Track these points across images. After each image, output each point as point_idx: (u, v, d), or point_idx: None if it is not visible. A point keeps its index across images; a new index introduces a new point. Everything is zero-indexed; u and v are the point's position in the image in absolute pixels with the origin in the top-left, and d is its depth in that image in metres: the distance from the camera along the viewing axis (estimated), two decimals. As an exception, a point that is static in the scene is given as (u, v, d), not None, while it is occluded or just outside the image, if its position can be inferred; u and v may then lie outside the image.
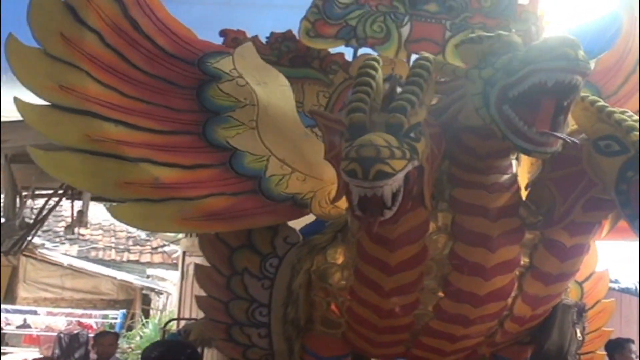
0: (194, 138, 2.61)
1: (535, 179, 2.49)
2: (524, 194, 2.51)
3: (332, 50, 3.92)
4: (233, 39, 3.65)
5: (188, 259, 11.46)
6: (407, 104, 2.09)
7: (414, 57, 3.71)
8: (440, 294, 2.40)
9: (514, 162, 2.47)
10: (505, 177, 2.39)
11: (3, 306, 14.32)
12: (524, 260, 2.43)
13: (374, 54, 3.80)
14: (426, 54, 2.35)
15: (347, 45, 3.64)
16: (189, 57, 2.68)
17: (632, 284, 5.94)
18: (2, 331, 11.31)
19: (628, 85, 3.10)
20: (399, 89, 2.21)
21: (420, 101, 2.14)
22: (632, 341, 4.89)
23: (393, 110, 2.08)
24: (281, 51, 3.80)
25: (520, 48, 2.17)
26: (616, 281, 5.75)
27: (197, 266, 2.87)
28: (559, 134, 2.10)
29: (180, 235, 12.39)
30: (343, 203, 2.59)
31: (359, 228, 2.34)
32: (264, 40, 3.82)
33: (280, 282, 2.73)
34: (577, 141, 2.17)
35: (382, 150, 1.92)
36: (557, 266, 2.46)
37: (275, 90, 2.75)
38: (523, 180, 2.54)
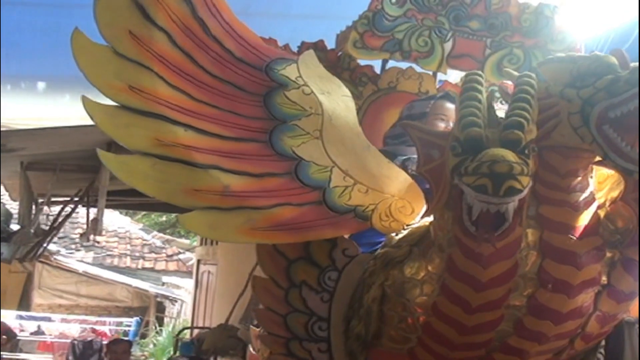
0: (261, 146, 2.44)
1: (616, 198, 2.35)
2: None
3: (361, 62, 3.87)
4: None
5: (202, 267, 11.42)
6: (524, 120, 2.00)
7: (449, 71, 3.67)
8: (524, 310, 2.25)
9: (591, 181, 2.35)
10: (586, 195, 2.27)
11: (18, 312, 14.26)
12: (602, 279, 2.30)
13: (403, 66, 3.75)
14: (528, 73, 2.24)
15: (390, 58, 3.57)
16: (256, 62, 2.50)
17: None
18: (17, 337, 11.19)
19: None
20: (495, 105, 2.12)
21: (532, 118, 2.05)
22: None
23: (510, 126, 1.98)
24: None
25: (618, 69, 2.08)
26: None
27: (254, 277, 2.68)
28: None
29: (195, 243, 12.32)
30: (406, 218, 2.48)
31: (451, 243, 2.18)
32: (294, 49, 3.74)
33: (340, 295, 2.56)
34: None
35: (515, 167, 1.84)
36: (632, 285, 2.33)
37: (338, 101, 2.58)
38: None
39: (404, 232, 2.53)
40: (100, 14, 2.36)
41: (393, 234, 2.57)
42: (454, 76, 4.01)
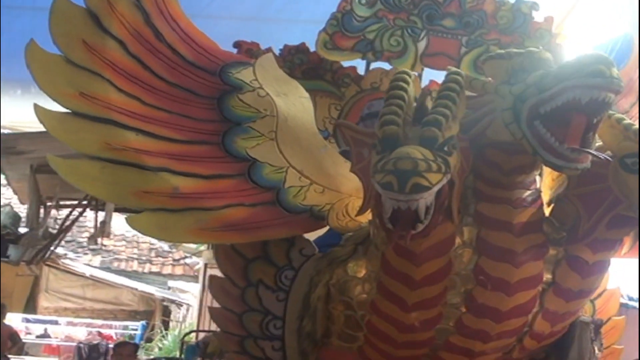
0: (213, 148, 2.53)
1: (560, 195, 2.41)
2: (546, 210, 2.42)
3: (345, 64, 3.89)
4: (247, 50, 3.60)
5: (209, 271, 11.42)
6: (442, 118, 2.03)
7: (426, 71, 3.69)
8: (463, 309, 2.30)
9: (537, 178, 2.38)
10: (529, 192, 2.31)
11: (24, 315, 14.38)
12: (546, 277, 2.33)
13: (388, 67, 3.78)
14: (457, 69, 2.30)
15: (363, 58, 3.59)
16: (210, 66, 2.59)
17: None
18: (22, 342, 11.29)
19: (637, 106, 3.02)
20: (429, 103, 2.14)
21: (453, 115, 2.08)
22: None
23: (428, 123, 2.02)
24: (294, 63, 3.75)
25: (551, 65, 2.11)
26: (638, 300, 5.64)
27: (211, 277, 2.77)
28: (590, 151, 2.04)
29: (202, 247, 12.36)
30: (362, 216, 2.51)
31: (383, 241, 2.25)
32: (277, 53, 3.79)
33: (295, 294, 2.63)
34: (609, 158, 2.11)
35: (420, 164, 1.87)
36: (579, 283, 2.37)
37: (295, 102, 2.67)
38: (545, 197, 2.45)
39: (355, 232, 2.58)
40: (55, 25, 2.48)
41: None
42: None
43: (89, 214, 11.31)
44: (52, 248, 11.56)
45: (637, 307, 5.55)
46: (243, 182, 2.53)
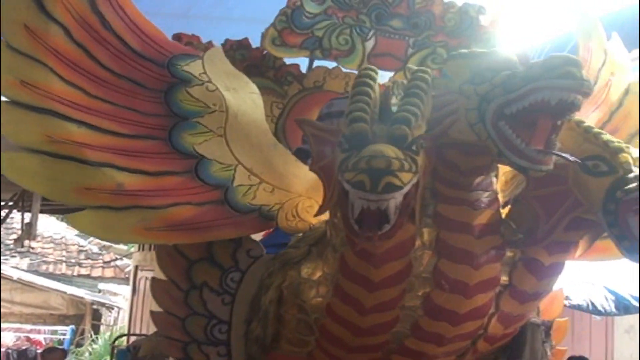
0: (159, 143, 2.41)
1: (517, 196, 2.38)
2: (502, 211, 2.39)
3: (288, 61, 3.84)
4: (187, 43, 3.52)
5: (140, 273, 11.27)
6: (411, 116, 1.97)
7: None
8: (420, 311, 2.25)
9: (494, 179, 2.34)
10: (487, 194, 2.27)
11: (-50, 321, 13.90)
12: (503, 279, 2.30)
13: (330, 66, 3.73)
14: (424, 68, 2.24)
15: (310, 56, 3.54)
16: (158, 58, 2.47)
17: (582, 300, 5.91)
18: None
19: (583, 109, 2.98)
20: (392, 101, 2.09)
21: (421, 114, 2.03)
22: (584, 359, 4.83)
23: (397, 121, 1.95)
24: (235, 59, 3.69)
25: (517, 66, 2.07)
26: (567, 298, 5.71)
27: (153, 279, 2.63)
28: (557, 152, 2.02)
29: (132, 249, 12.17)
30: (313, 217, 2.44)
31: (343, 242, 2.17)
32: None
33: (242, 297, 2.53)
34: (577, 159, 2.09)
35: (393, 162, 1.79)
36: (534, 285, 2.35)
37: (245, 98, 2.56)
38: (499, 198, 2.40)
39: (307, 232, 2.51)
40: None
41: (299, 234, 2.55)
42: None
43: (16, 215, 10.98)
44: (-22, 251, 11.21)
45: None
46: (190, 179, 2.42)
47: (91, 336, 14.46)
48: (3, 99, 2.31)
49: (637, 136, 3.01)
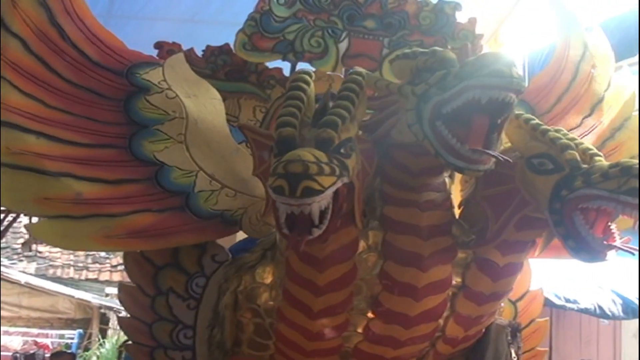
0: (119, 152, 2.45)
1: (468, 197, 2.38)
2: (457, 212, 2.40)
3: (270, 65, 3.84)
4: (168, 51, 3.55)
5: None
6: (338, 119, 1.97)
7: (350, 72, 3.66)
8: (370, 315, 2.26)
9: (447, 179, 2.35)
10: (438, 194, 2.27)
11: (-42, 325, 13.99)
12: (456, 280, 2.30)
13: (312, 69, 3.73)
14: (359, 69, 2.24)
15: (284, 59, 3.54)
16: (117, 67, 2.52)
17: (590, 304, 5.85)
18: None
19: (561, 104, 3.00)
20: (331, 104, 2.08)
21: (351, 116, 2.03)
22: None
23: (323, 125, 1.96)
24: (217, 64, 3.71)
25: (455, 64, 2.07)
26: (575, 301, 5.68)
27: (120, 285, 2.69)
28: (491, 152, 2.00)
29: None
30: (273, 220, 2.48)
31: (287, 247, 2.19)
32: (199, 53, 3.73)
33: (206, 302, 2.56)
34: (509, 159, 2.07)
35: (310, 167, 1.78)
36: (490, 286, 2.34)
37: (205, 104, 2.60)
38: (456, 199, 2.42)
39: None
40: None
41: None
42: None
43: (24, 220, 11.05)
44: (-15, 255, 11.29)
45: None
46: (150, 186, 2.46)
47: (99, 340, 14.49)
48: None
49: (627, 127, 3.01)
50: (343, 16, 3.50)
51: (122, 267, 15.86)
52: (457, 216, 2.38)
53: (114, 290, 15.74)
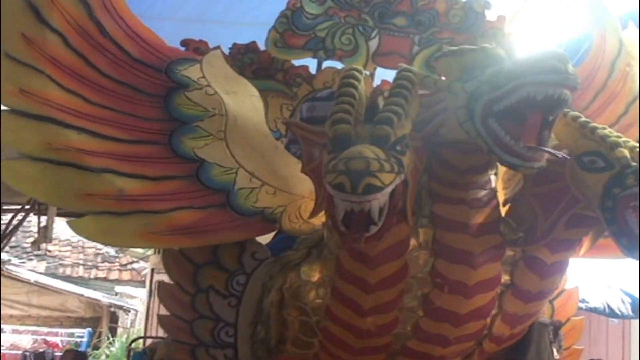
0: (160, 148, 2.44)
1: (516, 194, 2.37)
2: (502, 210, 2.38)
3: (297, 63, 3.84)
4: (195, 49, 3.53)
5: (156, 276, 11.31)
6: (394, 116, 1.96)
7: (379, 70, 3.66)
8: (420, 313, 2.25)
9: (492, 177, 2.34)
10: (485, 192, 2.27)
11: (-32, 324, 14.02)
12: (504, 278, 2.29)
13: (339, 66, 3.74)
14: (408, 66, 2.24)
15: (314, 57, 3.54)
16: (156, 63, 2.51)
17: (600, 303, 5.85)
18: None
19: (597, 102, 2.99)
20: (380, 101, 2.08)
21: (406, 113, 2.01)
22: None
23: (379, 121, 1.95)
24: (244, 63, 3.70)
25: (505, 61, 2.06)
26: (584, 300, 5.67)
27: (159, 283, 2.69)
28: (547, 149, 2.00)
29: (149, 252, 12.20)
30: (316, 218, 2.44)
31: (338, 244, 2.18)
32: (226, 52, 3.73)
33: (248, 300, 2.56)
34: (566, 156, 2.07)
35: (372, 163, 1.78)
36: (537, 284, 2.34)
37: (244, 100, 2.59)
38: (500, 197, 2.40)
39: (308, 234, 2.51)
40: None
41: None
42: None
43: (33, 219, 11.07)
44: (-5, 254, 11.31)
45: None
46: (192, 183, 2.45)
47: (108, 339, 14.53)
48: (3, 107, 2.35)
49: None
50: (374, 13, 3.50)
51: (131, 266, 16.05)
52: (502, 214, 2.36)
53: (123, 289, 15.80)
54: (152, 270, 11.63)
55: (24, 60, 2.36)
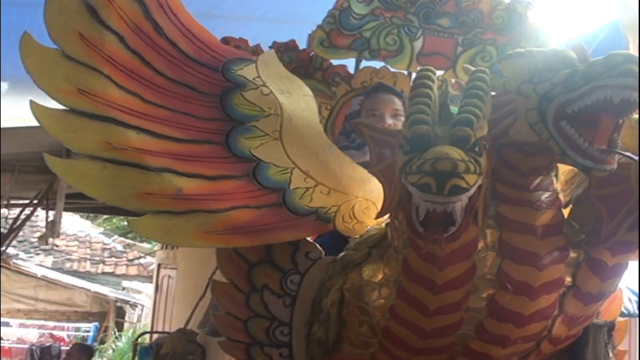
0: (217, 148, 2.45)
1: (580, 196, 2.37)
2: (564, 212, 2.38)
3: (335, 62, 3.86)
4: (235, 46, 3.57)
5: (163, 272, 11.37)
6: (473, 117, 1.97)
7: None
8: (484, 313, 2.26)
9: (554, 179, 2.35)
10: (548, 194, 2.27)
11: (-25, 318, 14.08)
12: (567, 280, 2.30)
13: (377, 66, 3.75)
14: (482, 67, 2.24)
15: (359, 57, 3.57)
16: (212, 63, 2.52)
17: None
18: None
19: None
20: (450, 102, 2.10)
21: (483, 114, 2.03)
22: None
23: (459, 122, 1.96)
24: (283, 61, 3.71)
25: (577, 64, 2.05)
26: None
27: (214, 282, 2.69)
28: (622, 152, 2.01)
29: (156, 247, 12.24)
30: (369, 219, 2.49)
31: (406, 244, 2.19)
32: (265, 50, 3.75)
33: (302, 299, 2.57)
34: (636, 159, 2.07)
35: (459, 164, 1.80)
36: (598, 286, 2.34)
37: (299, 100, 2.60)
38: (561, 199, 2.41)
39: (365, 234, 2.53)
40: (50, 16, 2.38)
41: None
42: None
43: (41, 213, 11.11)
44: (3, 248, 11.33)
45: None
46: (248, 183, 2.46)
47: (114, 333, 14.57)
48: (62, 107, 2.37)
49: None
50: (419, 14, 3.54)
51: (138, 261, 16.10)
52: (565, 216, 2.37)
53: (130, 284, 15.86)
54: (159, 265, 11.67)
55: (82, 60, 2.37)
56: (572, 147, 2.02)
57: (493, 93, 2.24)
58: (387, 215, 2.38)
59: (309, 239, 2.63)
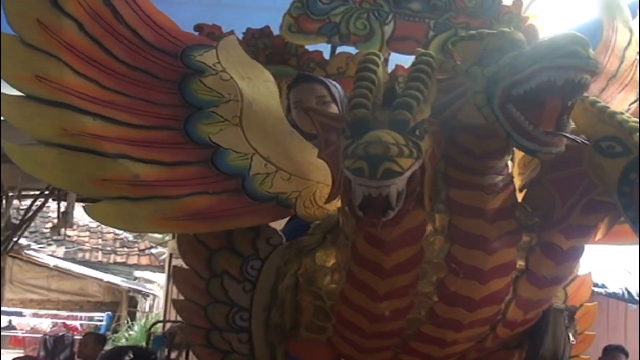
0: (175, 134, 2.42)
1: (533, 180, 2.34)
2: (519, 195, 2.36)
3: (310, 48, 3.81)
4: (208, 33, 3.53)
5: (175, 261, 11.32)
6: (413, 100, 1.93)
7: (393, 55, 3.62)
8: (435, 298, 2.23)
9: (509, 163, 2.31)
10: (501, 177, 2.23)
11: (-12, 307, 14.16)
12: (520, 264, 2.27)
13: (353, 52, 3.70)
14: (427, 51, 2.20)
15: (328, 42, 3.51)
16: (171, 49, 2.49)
17: (619, 288, 5.81)
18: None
19: (609, 90, 2.93)
20: (398, 86, 2.06)
21: (425, 98, 1.98)
22: (621, 349, 4.73)
23: (398, 106, 1.92)
24: (257, 47, 3.70)
25: (524, 45, 2.02)
26: (603, 286, 5.63)
27: (175, 269, 2.68)
28: (566, 134, 1.96)
29: (167, 237, 12.24)
30: (330, 204, 2.44)
31: (354, 229, 2.16)
32: (239, 36, 3.71)
33: (262, 285, 2.54)
34: (585, 141, 2.03)
35: (391, 148, 1.77)
36: (553, 269, 2.31)
37: (259, 86, 2.57)
38: (516, 182, 2.38)
39: (323, 219, 2.50)
40: (9, 4, 2.35)
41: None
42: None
43: (52, 204, 11.14)
44: (15, 239, 11.38)
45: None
46: (206, 169, 2.43)
47: (127, 322, 14.64)
48: (19, 93, 2.33)
49: None
50: (389, -2, 3.46)
51: (150, 251, 16.16)
52: (519, 199, 2.34)
53: (142, 274, 15.92)
54: (171, 255, 11.67)
55: (40, 47, 2.34)
56: (517, 130, 1.98)
57: (442, 76, 2.20)
58: None
59: (271, 224, 2.60)
